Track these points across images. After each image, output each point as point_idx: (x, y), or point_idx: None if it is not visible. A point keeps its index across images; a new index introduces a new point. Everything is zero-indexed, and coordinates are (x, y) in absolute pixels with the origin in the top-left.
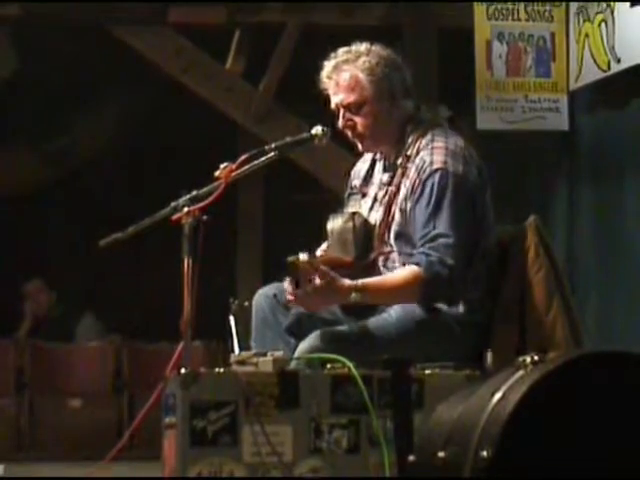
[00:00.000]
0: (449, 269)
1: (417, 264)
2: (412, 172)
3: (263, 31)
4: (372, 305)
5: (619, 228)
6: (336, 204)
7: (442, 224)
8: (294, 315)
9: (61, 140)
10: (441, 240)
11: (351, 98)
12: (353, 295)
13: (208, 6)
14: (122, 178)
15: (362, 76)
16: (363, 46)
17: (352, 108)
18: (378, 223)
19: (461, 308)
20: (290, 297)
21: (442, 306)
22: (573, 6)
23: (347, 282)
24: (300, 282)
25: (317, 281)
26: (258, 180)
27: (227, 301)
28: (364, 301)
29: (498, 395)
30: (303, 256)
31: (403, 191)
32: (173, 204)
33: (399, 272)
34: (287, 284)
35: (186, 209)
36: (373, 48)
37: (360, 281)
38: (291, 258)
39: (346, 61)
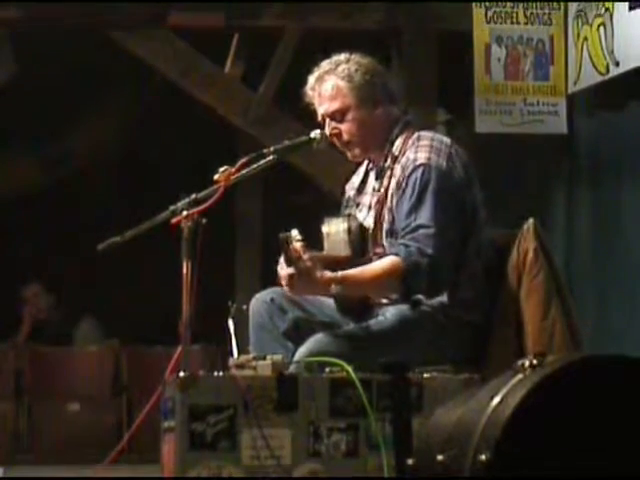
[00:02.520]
0: (429, 258)
1: (396, 254)
2: (398, 171)
3: (262, 35)
4: (369, 307)
5: (617, 232)
6: (335, 207)
7: (423, 216)
8: (291, 320)
9: (60, 144)
10: (421, 231)
11: (334, 106)
12: (333, 286)
13: (207, 10)
14: (121, 182)
15: (342, 84)
16: (342, 55)
17: (336, 116)
18: (372, 226)
19: (456, 307)
20: (280, 270)
21: (437, 305)
22: (572, 9)
23: (327, 273)
24: (291, 260)
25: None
26: (257, 184)
27: (226, 305)
28: (345, 292)
29: (497, 399)
30: (295, 232)
31: (391, 191)
32: (172, 207)
33: (378, 263)
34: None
35: (185, 212)
36: (352, 57)
37: (340, 272)
38: (283, 235)
39: (327, 71)
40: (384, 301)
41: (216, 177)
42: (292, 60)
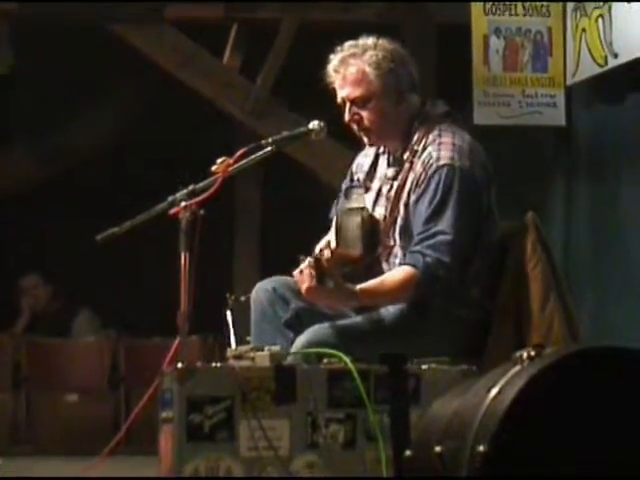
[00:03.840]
0: (446, 269)
1: (414, 265)
2: (418, 166)
3: (260, 26)
4: None
5: (616, 223)
6: (333, 199)
7: (444, 222)
8: (293, 309)
9: (58, 137)
10: (440, 237)
11: (357, 92)
12: (351, 302)
13: (206, 2)
14: (119, 173)
15: (369, 70)
16: (370, 40)
17: (358, 102)
18: (383, 218)
19: (458, 302)
20: (300, 282)
21: (439, 299)
22: (570, 1)
23: (348, 289)
24: (322, 279)
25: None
26: (256, 175)
27: (224, 296)
28: (362, 305)
29: (495, 390)
30: (327, 253)
31: (408, 185)
32: (170, 198)
33: (396, 275)
34: (299, 273)
35: (183, 203)
36: (380, 42)
37: (358, 287)
38: (316, 256)
39: (353, 55)
40: None
41: (214, 168)
42: (290, 51)
